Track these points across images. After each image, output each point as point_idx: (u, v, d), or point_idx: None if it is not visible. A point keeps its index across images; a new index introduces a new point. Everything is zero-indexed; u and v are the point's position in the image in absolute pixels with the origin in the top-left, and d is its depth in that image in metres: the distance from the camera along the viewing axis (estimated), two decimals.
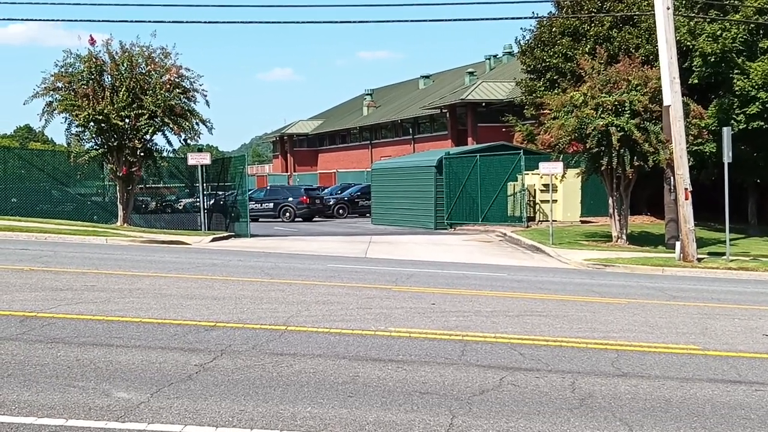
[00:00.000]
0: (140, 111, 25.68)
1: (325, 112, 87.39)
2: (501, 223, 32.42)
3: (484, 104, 51.46)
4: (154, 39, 45.02)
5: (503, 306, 11.94)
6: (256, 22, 35.02)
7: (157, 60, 26.59)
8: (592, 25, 33.43)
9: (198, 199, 29.90)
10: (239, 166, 30.40)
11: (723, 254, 21.99)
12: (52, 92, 25.89)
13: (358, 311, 10.62)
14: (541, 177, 30.18)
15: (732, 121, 27.28)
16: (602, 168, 24.26)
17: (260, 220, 40.33)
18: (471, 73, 61.38)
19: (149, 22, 49.26)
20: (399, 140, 63.97)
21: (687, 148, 22.51)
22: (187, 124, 26.79)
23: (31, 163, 30.35)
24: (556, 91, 30.20)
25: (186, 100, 27.00)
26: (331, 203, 46.17)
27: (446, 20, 55.32)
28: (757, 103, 27.41)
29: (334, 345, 8.37)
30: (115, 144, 26.32)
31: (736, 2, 28.50)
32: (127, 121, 25.87)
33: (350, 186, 50.23)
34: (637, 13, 30.87)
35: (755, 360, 8.87)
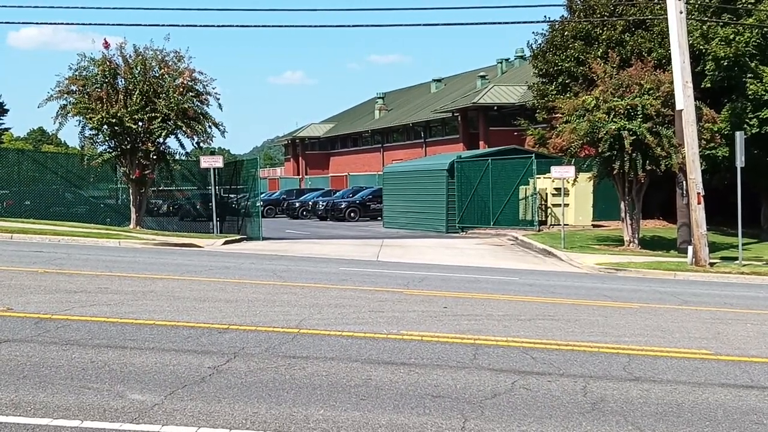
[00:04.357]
0: (153, 114, 25.79)
1: (337, 116, 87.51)
2: (513, 226, 32.41)
3: (495, 108, 51.44)
4: (167, 42, 44.98)
5: (515, 310, 11.95)
6: (268, 26, 35.27)
7: (170, 63, 26.72)
8: (605, 29, 33.38)
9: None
10: (251, 169, 30.50)
11: (736, 259, 21.92)
12: (66, 95, 26.04)
13: (370, 314, 10.64)
14: (553, 181, 30.17)
15: (745, 126, 27.19)
16: (614, 172, 24.21)
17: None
18: (483, 77, 61.35)
19: (163, 25, 49.70)
20: (411, 144, 64.00)
21: (699, 152, 22.46)
22: (199, 127, 26.89)
23: (44, 165, 30.52)
24: (568, 95, 30.14)
25: (199, 104, 27.11)
26: (342, 206, 46.23)
27: (458, 24, 55.50)
28: None
29: (346, 348, 8.40)
30: (128, 147, 26.45)
31: (749, 6, 28.41)
32: (140, 124, 25.99)
33: (362, 189, 50.27)
34: (649, 17, 30.81)
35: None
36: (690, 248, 21.49)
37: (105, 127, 25.85)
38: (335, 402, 6.38)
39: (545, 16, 50.39)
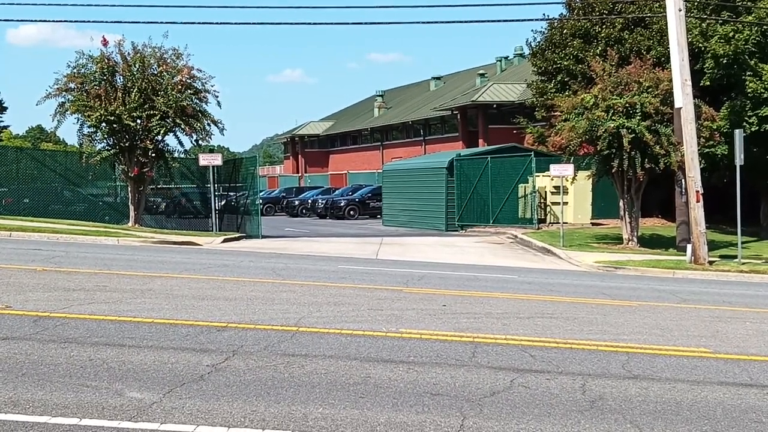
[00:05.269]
0: (152, 112, 25.76)
1: (336, 113, 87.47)
2: (512, 224, 32.42)
3: (495, 106, 51.44)
4: (166, 40, 45.05)
5: (514, 308, 11.95)
6: (267, 23, 35.30)
7: (168, 61, 26.68)
8: (604, 26, 33.36)
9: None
10: (250, 167, 30.47)
11: (735, 257, 21.91)
12: (64, 93, 26.00)
13: (369, 312, 10.64)
14: (552, 179, 30.16)
15: (744, 124, 27.17)
16: (613, 170, 24.21)
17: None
18: (482, 75, 61.34)
19: (161, 23, 49.72)
20: (410, 141, 63.99)
21: (698, 150, 22.45)
22: (198, 124, 26.86)
23: (43, 163, 30.50)
24: (567, 93, 30.13)
25: (197, 101, 27.07)
26: (342, 204, 46.22)
27: (457, 22, 55.51)
28: None
29: (345, 346, 8.39)
30: (126, 145, 26.42)
31: (748, 4, 28.38)
32: (138, 121, 25.95)
33: (361, 187, 50.26)
34: (648, 14, 30.80)
35: (767, 363, 8.85)
36: (689, 246, 21.50)
37: (103, 124, 25.83)
38: (334, 400, 6.38)
39: (544, 15, 50.18)
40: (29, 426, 5.45)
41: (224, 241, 24.58)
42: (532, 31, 40.86)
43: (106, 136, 26.44)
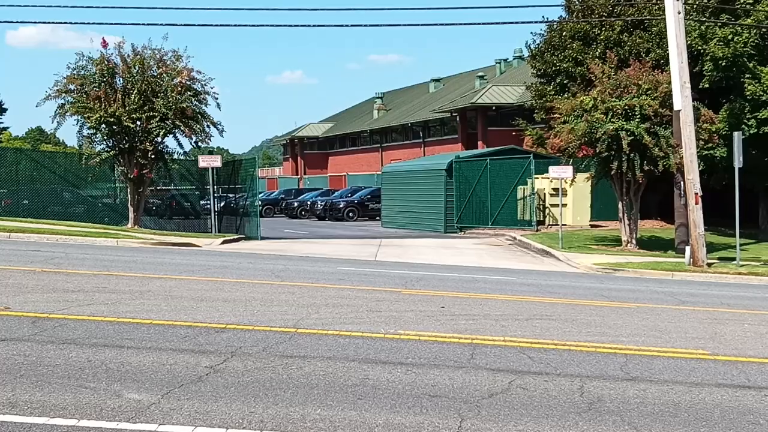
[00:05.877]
0: (151, 113, 25.75)
1: (335, 115, 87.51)
2: (511, 226, 32.43)
3: (494, 108, 51.48)
4: (165, 42, 44.99)
5: (513, 310, 11.95)
6: (267, 25, 35.42)
7: (168, 63, 26.67)
8: (603, 29, 33.39)
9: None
10: (250, 168, 30.48)
11: (733, 259, 21.93)
12: (64, 94, 25.99)
13: (368, 314, 10.64)
14: (551, 181, 30.18)
15: (743, 126, 27.22)
16: (612, 172, 24.23)
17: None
18: (481, 77, 61.38)
19: (161, 24, 49.88)
20: (409, 143, 64.01)
21: (697, 152, 22.47)
22: (198, 126, 26.85)
23: (42, 165, 30.48)
24: (566, 95, 30.17)
25: (197, 103, 27.06)
26: (341, 206, 46.23)
27: (457, 24, 55.61)
28: None
29: (343, 347, 8.40)
30: (126, 146, 26.42)
31: (747, 6, 28.42)
32: (138, 123, 25.94)
33: (360, 189, 50.28)
34: (648, 17, 30.82)
35: (765, 365, 8.85)
36: (687, 248, 21.51)
37: (103, 126, 25.82)
38: (332, 401, 6.38)
39: (544, 17, 50.40)
40: (27, 427, 5.45)
41: (223, 242, 24.57)
42: (531, 33, 41.14)
43: (105, 137, 26.43)
